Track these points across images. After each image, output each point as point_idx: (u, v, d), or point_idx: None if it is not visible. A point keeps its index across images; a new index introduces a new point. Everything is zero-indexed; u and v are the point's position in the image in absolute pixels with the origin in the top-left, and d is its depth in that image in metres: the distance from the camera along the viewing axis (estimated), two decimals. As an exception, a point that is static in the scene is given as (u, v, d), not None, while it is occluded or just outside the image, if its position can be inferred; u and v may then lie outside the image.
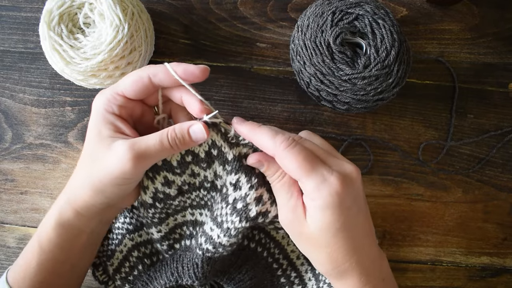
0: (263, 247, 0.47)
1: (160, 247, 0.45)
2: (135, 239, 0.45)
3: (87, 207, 0.36)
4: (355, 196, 0.33)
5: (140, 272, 0.45)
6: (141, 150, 0.33)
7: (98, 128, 0.35)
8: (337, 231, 0.32)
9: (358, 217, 0.33)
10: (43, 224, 0.38)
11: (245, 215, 0.36)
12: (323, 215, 0.32)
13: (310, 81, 0.47)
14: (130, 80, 0.35)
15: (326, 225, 0.32)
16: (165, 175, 0.38)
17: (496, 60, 0.55)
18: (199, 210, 0.43)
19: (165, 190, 0.39)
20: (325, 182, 0.31)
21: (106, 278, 0.46)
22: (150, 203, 0.39)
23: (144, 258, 0.45)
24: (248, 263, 0.46)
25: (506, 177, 0.54)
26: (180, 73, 0.34)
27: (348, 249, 0.33)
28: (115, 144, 0.33)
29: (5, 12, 0.54)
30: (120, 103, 0.35)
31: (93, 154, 0.35)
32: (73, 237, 0.38)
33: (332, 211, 0.31)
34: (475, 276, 0.54)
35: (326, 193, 0.31)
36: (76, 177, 0.37)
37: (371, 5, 0.46)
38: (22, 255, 0.39)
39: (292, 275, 0.47)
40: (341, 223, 0.32)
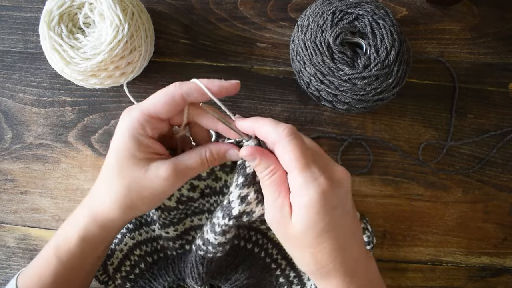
0: (260, 248, 0.47)
1: (172, 245, 0.46)
2: (136, 238, 0.45)
3: (113, 223, 0.37)
4: (342, 198, 0.33)
5: (142, 270, 0.45)
6: (183, 172, 0.35)
7: (130, 150, 0.34)
8: (321, 231, 0.32)
9: (343, 218, 0.33)
10: (62, 235, 0.38)
11: (228, 212, 0.36)
12: (307, 214, 0.31)
13: (310, 81, 0.47)
14: (162, 101, 0.34)
15: (310, 224, 0.32)
16: (191, 182, 0.40)
17: (496, 60, 0.55)
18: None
19: (189, 195, 0.41)
20: (314, 181, 0.31)
21: (106, 278, 0.46)
22: (174, 206, 0.41)
23: (146, 256, 0.46)
24: (245, 263, 0.46)
25: (506, 177, 0.54)
26: (214, 91, 0.34)
27: (333, 250, 0.33)
28: (153, 165, 0.34)
29: (5, 12, 0.54)
30: (154, 125, 0.35)
31: (127, 176, 0.34)
32: (94, 249, 0.38)
33: (317, 210, 0.31)
34: (475, 276, 0.54)
35: (313, 191, 0.31)
36: (104, 196, 0.36)
37: (371, 5, 0.46)
38: (36, 262, 0.39)
39: (291, 275, 0.47)
40: (326, 223, 0.32)
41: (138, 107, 0.35)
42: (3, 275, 0.53)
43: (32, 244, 0.53)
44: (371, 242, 0.49)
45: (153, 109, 0.34)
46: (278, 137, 0.32)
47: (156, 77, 0.53)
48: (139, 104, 0.35)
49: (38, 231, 0.53)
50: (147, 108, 0.34)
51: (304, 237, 0.32)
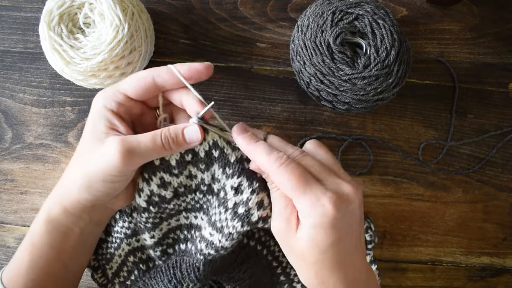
0: (263, 245, 0.47)
1: (153, 254, 0.44)
2: (132, 244, 0.45)
3: (74, 204, 0.36)
4: (350, 217, 0.32)
5: (136, 277, 0.45)
6: (132, 146, 0.33)
7: (93, 123, 0.35)
8: (326, 249, 0.32)
9: (349, 238, 0.33)
10: (34, 222, 0.38)
11: (247, 219, 0.36)
12: (314, 233, 0.31)
13: (310, 81, 0.47)
14: (133, 80, 0.35)
15: (316, 243, 0.32)
16: (161, 176, 0.37)
17: (496, 60, 0.55)
18: (194, 213, 0.42)
19: (160, 193, 0.38)
20: (318, 203, 0.31)
21: (105, 281, 0.46)
22: (144, 207, 0.39)
23: (140, 264, 0.45)
24: (248, 261, 0.46)
25: (506, 177, 0.54)
26: (184, 73, 0.34)
27: (335, 265, 0.33)
28: (107, 139, 0.33)
29: (5, 12, 0.54)
30: (120, 100, 0.35)
31: (85, 149, 0.35)
32: (63, 235, 0.38)
33: (324, 231, 0.31)
34: (475, 276, 0.54)
35: (318, 213, 0.31)
36: (67, 174, 0.37)
37: (371, 5, 0.46)
38: (15, 255, 0.39)
39: (291, 273, 0.47)
40: (331, 241, 0.31)
41: (114, 85, 0.36)
42: (3, 275, 0.53)
43: (32, 244, 0.53)
44: (372, 241, 0.49)
45: (122, 86, 0.35)
46: (270, 169, 0.32)
47: (156, 77, 0.53)
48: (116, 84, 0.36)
49: (38, 231, 0.53)
50: (118, 85, 0.35)
51: (309, 254, 0.32)
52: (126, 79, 0.35)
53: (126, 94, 0.35)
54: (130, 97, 0.35)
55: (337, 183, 0.33)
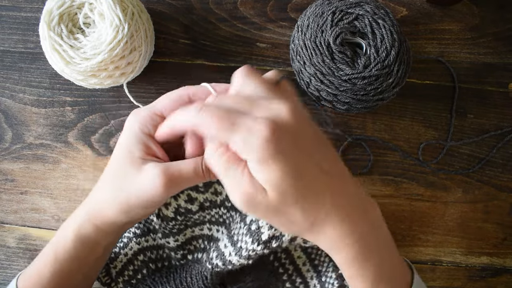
0: (270, 251, 0.47)
1: (174, 255, 0.45)
2: (141, 243, 0.45)
3: (108, 224, 0.36)
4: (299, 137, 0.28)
5: (144, 276, 0.45)
6: (174, 176, 0.32)
7: (129, 148, 0.34)
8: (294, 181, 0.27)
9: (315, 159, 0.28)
10: (60, 235, 0.37)
11: (257, 237, 0.36)
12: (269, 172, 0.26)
13: (310, 81, 0.47)
14: (169, 100, 0.34)
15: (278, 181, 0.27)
16: (188, 193, 0.39)
17: (496, 60, 0.55)
18: (217, 226, 0.43)
19: (187, 206, 0.40)
20: (251, 134, 0.26)
21: (108, 280, 0.46)
22: (172, 217, 0.41)
23: (150, 263, 0.45)
24: (254, 267, 0.46)
25: (506, 177, 0.54)
26: (220, 92, 0.34)
27: (317, 194, 0.28)
28: (146, 167, 0.32)
29: (5, 12, 0.54)
30: (157, 123, 0.34)
31: (122, 174, 0.34)
32: (90, 250, 0.38)
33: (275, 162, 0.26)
34: (475, 276, 0.54)
35: (257, 144, 0.26)
36: (100, 193, 0.36)
37: (371, 5, 0.46)
38: (36, 263, 0.38)
39: (297, 281, 0.47)
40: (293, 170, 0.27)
41: (146, 106, 0.35)
42: (3, 275, 0.53)
43: (32, 244, 0.53)
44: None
45: (159, 106, 0.34)
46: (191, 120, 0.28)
47: (156, 77, 0.53)
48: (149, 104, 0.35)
49: (38, 231, 0.53)
50: (153, 106, 0.34)
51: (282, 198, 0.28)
52: (159, 100, 0.34)
53: (162, 115, 0.34)
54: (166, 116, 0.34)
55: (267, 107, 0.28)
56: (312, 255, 0.46)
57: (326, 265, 0.46)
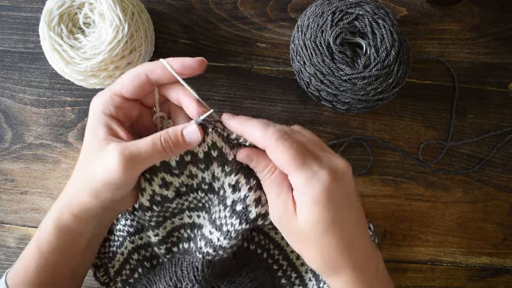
0: (262, 249, 0.47)
1: (158, 251, 0.44)
2: (135, 242, 0.45)
3: (84, 211, 0.36)
4: (347, 192, 0.32)
5: (140, 275, 0.45)
6: (132, 154, 0.32)
7: (93, 130, 0.34)
8: (327, 227, 0.31)
9: (349, 213, 0.33)
10: (41, 228, 0.37)
11: (245, 217, 0.36)
12: (312, 211, 0.31)
13: (310, 81, 0.47)
14: (126, 78, 0.34)
15: (316, 220, 0.31)
16: (163, 176, 0.37)
17: (496, 60, 0.55)
18: (197, 212, 0.42)
19: (162, 192, 0.38)
20: (315, 177, 0.30)
21: (107, 280, 0.46)
22: (147, 206, 0.39)
23: (144, 261, 0.45)
24: (249, 265, 0.46)
25: (506, 177, 0.54)
26: (177, 68, 0.34)
27: (340, 245, 0.32)
28: (107, 148, 0.33)
29: (5, 12, 0.54)
30: (117, 103, 0.34)
31: (88, 157, 0.34)
32: (72, 241, 0.37)
33: (322, 207, 0.31)
34: (475, 276, 0.54)
35: (316, 188, 0.30)
36: (73, 180, 0.36)
37: (371, 5, 0.46)
38: (21, 258, 0.38)
39: (292, 276, 0.47)
40: (331, 219, 0.31)
41: (107, 88, 0.35)
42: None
43: (32, 244, 0.53)
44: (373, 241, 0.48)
45: (117, 86, 0.34)
46: (267, 142, 0.32)
47: (156, 77, 0.53)
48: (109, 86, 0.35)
49: (38, 231, 0.53)
50: (112, 87, 0.34)
51: (310, 234, 0.32)
52: (118, 80, 0.35)
53: (122, 95, 0.34)
54: (126, 97, 0.35)
55: (330, 158, 0.32)
56: None
57: None
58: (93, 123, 0.34)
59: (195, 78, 0.55)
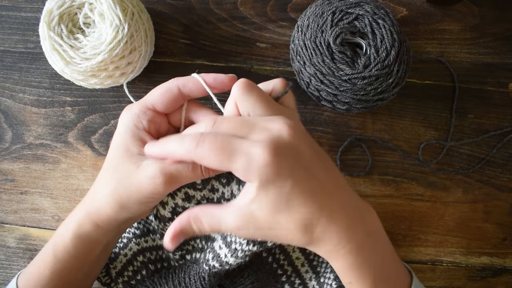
0: (268, 252, 0.47)
1: (172, 256, 0.45)
2: (141, 244, 0.45)
3: (108, 221, 0.36)
4: (297, 155, 0.29)
5: (144, 277, 0.45)
6: (173, 175, 0.32)
7: (126, 144, 0.34)
8: (290, 202, 0.28)
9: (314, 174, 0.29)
10: (59, 234, 0.37)
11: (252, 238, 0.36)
12: (267, 196, 0.28)
13: (310, 81, 0.47)
14: (159, 92, 0.34)
15: (275, 204, 0.28)
16: (186, 191, 0.38)
17: (496, 60, 0.55)
18: None
19: (184, 205, 0.39)
20: (251, 160, 0.27)
21: (108, 280, 0.46)
22: (169, 217, 0.40)
23: (149, 264, 0.45)
24: (252, 267, 0.46)
25: (506, 177, 0.54)
26: (210, 82, 0.34)
27: (313, 212, 0.29)
28: (145, 162, 0.33)
29: (5, 12, 0.54)
30: (150, 117, 0.34)
31: (120, 170, 0.34)
32: (90, 249, 0.38)
33: (274, 185, 0.27)
34: (475, 276, 0.54)
35: (257, 170, 0.27)
36: (99, 190, 0.36)
37: (371, 5, 0.46)
38: (35, 261, 0.38)
39: (296, 282, 0.47)
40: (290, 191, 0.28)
41: (138, 101, 0.35)
42: (3, 275, 0.53)
43: (32, 244, 0.53)
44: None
45: (149, 100, 0.34)
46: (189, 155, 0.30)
47: (156, 77, 0.53)
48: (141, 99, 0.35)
49: (38, 231, 0.53)
50: (144, 100, 0.35)
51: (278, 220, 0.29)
52: (150, 93, 0.35)
53: (154, 109, 0.35)
54: (158, 111, 0.35)
55: (266, 126, 0.29)
56: (311, 256, 0.46)
57: (325, 266, 0.46)
58: (125, 137, 0.34)
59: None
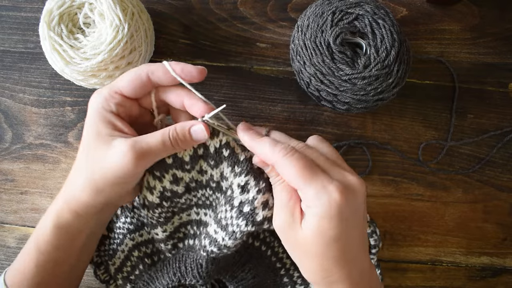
0: (267, 246, 0.47)
1: (164, 247, 0.45)
2: (135, 239, 0.45)
3: (86, 208, 0.36)
4: (355, 208, 0.32)
5: (141, 271, 0.45)
6: (143, 149, 0.33)
7: (96, 127, 0.34)
8: (331, 241, 0.31)
9: (354, 230, 0.33)
10: (40, 226, 0.37)
11: (251, 218, 0.36)
12: (318, 223, 0.31)
13: (310, 81, 0.47)
14: (127, 78, 0.35)
15: (320, 233, 0.31)
16: (174, 172, 0.38)
17: (496, 60, 0.55)
18: (204, 210, 0.42)
19: (172, 188, 0.39)
20: (323, 190, 0.31)
21: (107, 277, 0.46)
22: (158, 202, 0.39)
23: (145, 258, 0.45)
24: (252, 261, 0.46)
25: (506, 177, 0.54)
26: (178, 72, 0.34)
27: (340, 261, 0.32)
28: (115, 142, 0.33)
29: (5, 12, 0.54)
30: (118, 101, 0.35)
31: (92, 154, 0.34)
32: (72, 238, 0.37)
33: (329, 220, 0.31)
34: (475, 276, 0.54)
35: (325, 201, 0.31)
36: (74, 178, 0.36)
37: (371, 5, 0.46)
38: (20, 257, 0.38)
39: (295, 275, 0.47)
40: (336, 233, 0.31)
41: (107, 85, 0.35)
42: (3, 275, 0.53)
43: (32, 244, 0.53)
44: (377, 245, 0.48)
45: (118, 85, 0.35)
46: (274, 158, 0.32)
47: (156, 77, 0.53)
48: (109, 83, 0.35)
49: (38, 231, 0.53)
50: (112, 84, 0.35)
51: (313, 246, 0.32)
52: (119, 78, 0.35)
53: (121, 93, 0.35)
54: (126, 95, 0.35)
55: (343, 174, 0.33)
56: None
57: None
58: (93, 119, 0.34)
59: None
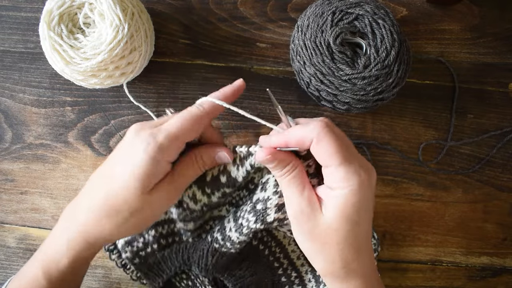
0: (265, 245, 0.47)
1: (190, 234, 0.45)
2: None
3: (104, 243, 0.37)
4: (371, 194, 0.32)
5: (154, 250, 0.45)
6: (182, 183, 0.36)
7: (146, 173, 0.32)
8: (354, 225, 0.31)
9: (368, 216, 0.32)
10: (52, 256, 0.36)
11: (261, 217, 0.36)
12: (345, 205, 0.30)
13: (310, 81, 0.47)
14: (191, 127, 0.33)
15: (345, 217, 0.30)
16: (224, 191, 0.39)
17: (496, 60, 0.55)
18: (234, 208, 0.44)
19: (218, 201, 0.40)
20: (355, 173, 0.30)
21: (112, 246, 0.45)
22: (199, 209, 0.40)
23: (161, 238, 0.45)
24: (249, 259, 0.46)
25: (506, 177, 0.54)
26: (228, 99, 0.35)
27: (357, 248, 0.32)
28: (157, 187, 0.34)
29: (5, 12, 0.54)
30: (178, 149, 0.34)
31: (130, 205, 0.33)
32: (83, 268, 0.39)
33: (354, 203, 0.30)
34: (475, 276, 0.54)
35: (354, 182, 0.30)
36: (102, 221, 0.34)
37: (371, 5, 0.46)
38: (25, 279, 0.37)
39: (292, 275, 0.47)
40: (357, 219, 0.31)
41: (164, 132, 0.32)
42: (3, 275, 0.53)
43: (32, 244, 0.53)
44: (376, 250, 0.48)
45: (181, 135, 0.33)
46: (315, 132, 0.30)
47: (156, 77, 0.53)
48: (164, 128, 0.33)
49: (38, 231, 0.53)
50: (175, 135, 0.32)
51: (336, 231, 0.31)
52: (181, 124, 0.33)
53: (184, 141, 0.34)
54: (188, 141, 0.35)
55: (362, 158, 0.32)
56: None
57: None
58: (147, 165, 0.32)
59: (196, 78, 0.55)
